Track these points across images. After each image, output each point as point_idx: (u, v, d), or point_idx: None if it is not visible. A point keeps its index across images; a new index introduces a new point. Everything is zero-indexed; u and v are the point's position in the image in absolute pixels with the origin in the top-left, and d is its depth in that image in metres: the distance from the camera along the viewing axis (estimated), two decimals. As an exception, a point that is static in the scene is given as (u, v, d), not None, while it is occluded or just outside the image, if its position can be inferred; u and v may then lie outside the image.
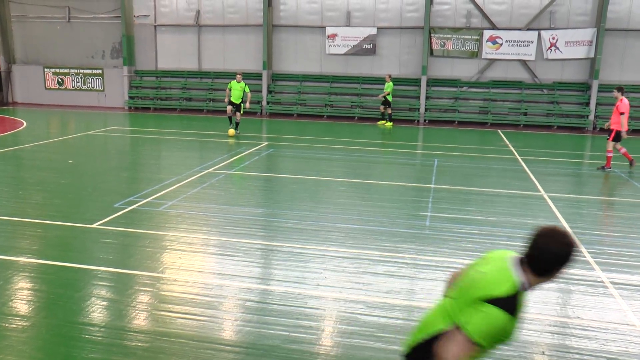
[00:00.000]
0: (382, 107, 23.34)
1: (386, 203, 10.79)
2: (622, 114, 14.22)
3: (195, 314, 5.96)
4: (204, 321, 5.82)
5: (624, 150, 14.77)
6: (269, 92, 26.22)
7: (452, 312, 3.10)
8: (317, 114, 25.55)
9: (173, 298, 6.36)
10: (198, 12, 26.59)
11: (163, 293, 6.48)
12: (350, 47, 25.20)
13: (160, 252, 7.80)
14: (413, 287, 6.85)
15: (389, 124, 23.06)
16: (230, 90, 19.05)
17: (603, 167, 14.67)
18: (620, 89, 14.44)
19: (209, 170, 13.16)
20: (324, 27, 25.41)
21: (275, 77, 26.49)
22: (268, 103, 26.08)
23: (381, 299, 6.42)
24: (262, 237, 8.59)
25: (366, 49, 25.11)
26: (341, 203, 10.69)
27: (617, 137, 14.47)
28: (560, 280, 7.16)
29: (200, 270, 7.20)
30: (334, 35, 25.20)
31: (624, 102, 14.26)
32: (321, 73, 26.03)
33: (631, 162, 14.84)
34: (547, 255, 2.89)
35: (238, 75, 19.26)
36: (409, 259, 7.73)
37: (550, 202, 11.15)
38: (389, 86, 22.71)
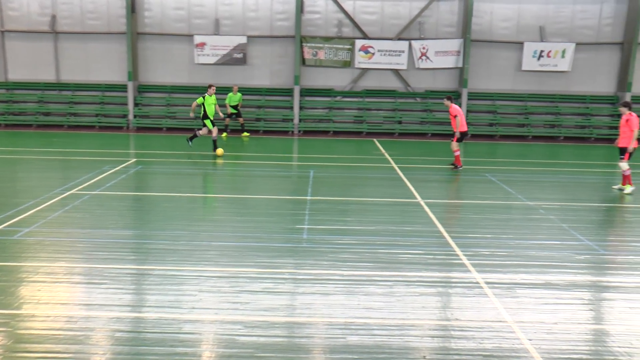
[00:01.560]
0: (240, 119, 23.45)
1: (262, 217, 10.81)
2: (455, 117, 16.32)
3: (58, 352, 5.62)
4: (69, 359, 5.50)
5: (457, 153, 16.68)
6: (136, 104, 25.44)
7: None
8: (188, 127, 25.07)
9: (31, 336, 5.96)
10: (54, 17, 25.29)
11: (19, 331, 6.06)
12: (220, 57, 25.07)
13: (16, 285, 7.29)
14: (293, 302, 6.90)
15: (245, 134, 23.50)
16: (202, 105, 18.03)
17: (455, 166, 16.43)
18: (450, 97, 16.68)
19: (72, 191, 12.52)
20: (191, 36, 25.09)
21: (142, 89, 25.77)
22: (135, 116, 25.27)
23: (260, 318, 6.41)
24: (133, 261, 8.29)
25: (237, 59, 25.09)
26: (216, 220, 10.58)
27: (460, 139, 16.49)
28: (439, 284, 7.53)
29: (63, 302, 6.81)
30: (202, 44, 24.96)
31: (454, 107, 16.42)
32: (191, 84, 25.64)
33: (454, 165, 16.67)
34: None
35: (212, 88, 18.41)
36: (287, 274, 7.78)
37: (426, 208, 11.69)
38: (237, 97, 22.97)
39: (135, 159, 17.18)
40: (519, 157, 20.17)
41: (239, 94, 23.08)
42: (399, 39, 25.03)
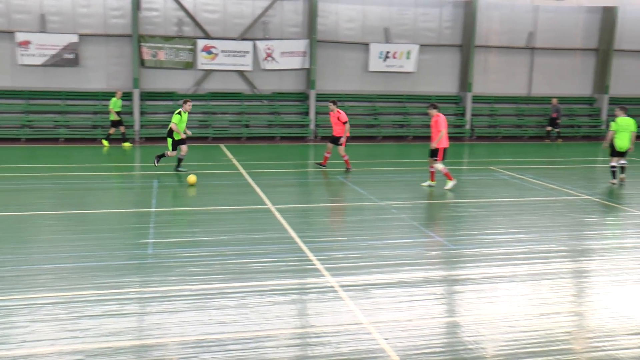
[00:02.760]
0: (122, 127, 22.18)
1: (103, 234, 10.37)
2: (345, 122, 16.89)
3: None
4: None
5: (346, 157, 16.94)
6: (-52, 113, 23.31)
7: None
8: (13, 137, 23.41)
9: None
10: None
11: None
12: (48, 57, 23.61)
13: None
14: (140, 324, 6.69)
15: (126, 143, 22.23)
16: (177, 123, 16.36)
17: (320, 164, 17.42)
18: (334, 102, 17.18)
19: None
20: (12, 32, 23.40)
21: (-46, 95, 23.67)
22: (-53, 127, 23.15)
23: (103, 344, 6.12)
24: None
25: (68, 59, 23.79)
26: (49, 240, 9.97)
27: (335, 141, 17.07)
28: (293, 292, 7.65)
29: None
30: (26, 43, 23.36)
31: (342, 114, 16.99)
32: (14, 88, 23.90)
33: (347, 169, 16.92)
34: None
35: (188, 103, 16.78)
36: (132, 294, 7.53)
37: (277, 214, 11.82)
38: (121, 102, 21.94)
39: (-51, 175, 15.79)
40: (369, 157, 21.01)
41: (120, 99, 21.89)
42: (243, 39, 25.09)
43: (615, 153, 16.22)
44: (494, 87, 28.20)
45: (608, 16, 28.10)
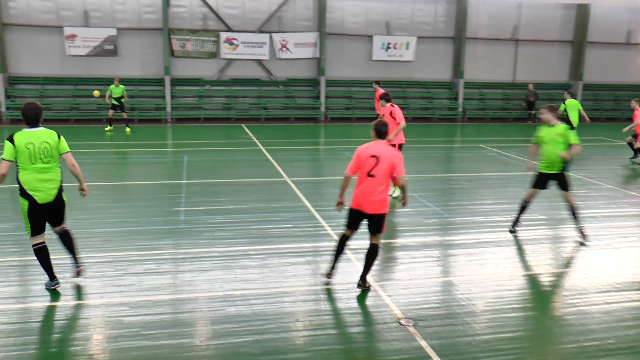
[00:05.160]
0: (124, 113, 20.68)
1: (141, 203, 10.45)
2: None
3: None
4: (-51, 353, 5.04)
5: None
6: (8, 97, 23.29)
7: None
8: (63, 118, 23.48)
9: None
10: None
11: None
12: (91, 48, 23.55)
13: None
14: (175, 280, 6.76)
15: (128, 128, 20.90)
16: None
17: None
18: (388, 97, 11.09)
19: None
20: (61, 27, 23.33)
21: (13, 81, 23.62)
22: (7, 109, 23.15)
23: (144, 298, 6.22)
24: (14, 253, 7.74)
25: (108, 50, 23.71)
26: (96, 207, 10.03)
27: None
28: (308, 254, 7.69)
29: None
30: (72, 36, 23.29)
31: (395, 109, 10.89)
32: (63, 75, 23.91)
33: None
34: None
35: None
36: (167, 255, 7.61)
37: (293, 185, 11.85)
38: (120, 90, 20.27)
39: None
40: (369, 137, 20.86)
41: (121, 87, 20.62)
42: (261, 32, 24.87)
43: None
44: (483, 74, 27.87)
45: (582, 12, 27.62)
